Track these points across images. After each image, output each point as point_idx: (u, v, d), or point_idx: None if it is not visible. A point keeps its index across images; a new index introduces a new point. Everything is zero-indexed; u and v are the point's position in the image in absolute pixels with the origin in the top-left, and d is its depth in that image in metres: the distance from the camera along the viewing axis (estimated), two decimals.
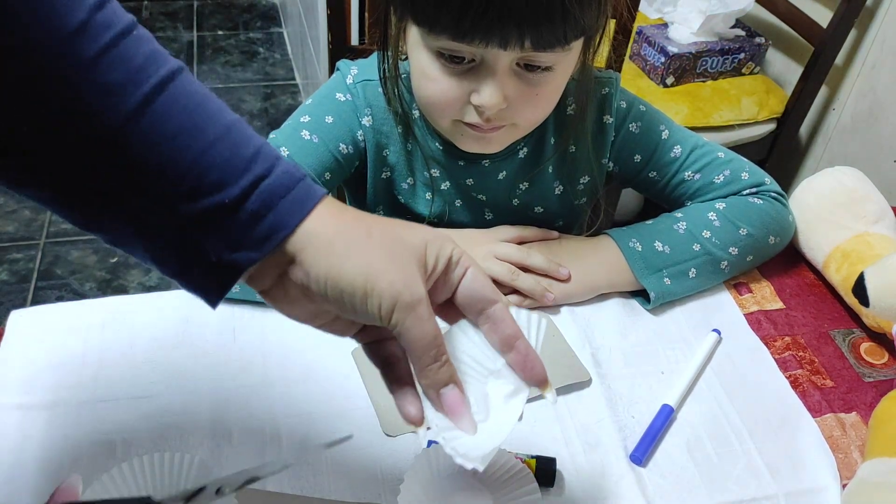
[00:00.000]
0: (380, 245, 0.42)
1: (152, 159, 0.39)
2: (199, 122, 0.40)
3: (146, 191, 0.40)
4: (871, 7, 1.43)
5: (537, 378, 0.45)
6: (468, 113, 0.67)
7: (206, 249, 0.41)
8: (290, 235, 0.41)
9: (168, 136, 0.39)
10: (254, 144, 0.42)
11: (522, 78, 0.65)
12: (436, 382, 0.43)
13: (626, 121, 0.81)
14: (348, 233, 0.42)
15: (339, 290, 0.41)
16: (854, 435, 0.67)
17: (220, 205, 0.40)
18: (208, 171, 0.40)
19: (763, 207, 0.79)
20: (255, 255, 0.41)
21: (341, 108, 0.76)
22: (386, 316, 0.41)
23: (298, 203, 0.41)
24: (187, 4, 2.82)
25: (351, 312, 0.42)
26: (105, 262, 1.78)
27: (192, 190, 0.40)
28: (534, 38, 0.60)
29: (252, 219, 0.40)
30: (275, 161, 0.42)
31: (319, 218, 0.42)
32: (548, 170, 0.82)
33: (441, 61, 0.65)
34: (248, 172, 0.40)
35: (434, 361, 0.42)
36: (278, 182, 0.41)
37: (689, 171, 0.81)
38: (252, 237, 0.41)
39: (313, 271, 0.41)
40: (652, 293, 0.75)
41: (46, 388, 0.65)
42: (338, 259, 0.41)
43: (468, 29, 0.60)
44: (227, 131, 0.41)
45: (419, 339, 0.41)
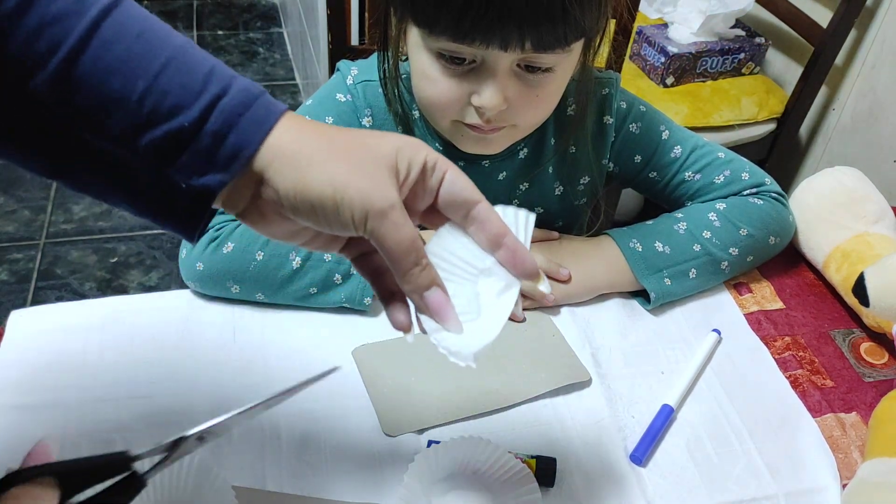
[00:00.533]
0: (345, 154, 0.41)
1: (106, 90, 0.39)
2: (148, 46, 0.40)
3: (105, 125, 0.39)
4: (871, 7, 1.43)
5: (528, 271, 0.45)
6: (468, 114, 0.67)
7: (174, 179, 0.41)
8: (255, 153, 0.40)
9: (118, 62, 0.39)
10: (207, 64, 0.41)
11: (523, 79, 0.65)
12: (418, 286, 0.42)
13: (627, 121, 0.81)
14: (311, 144, 0.41)
15: (309, 204, 0.41)
16: (854, 435, 0.67)
17: (181, 128, 0.39)
18: (164, 96, 0.39)
19: (763, 208, 0.79)
20: (224, 176, 0.40)
21: (341, 108, 0.76)
22: (360, 224, 0.40)
23: (259, 120, 0.41)
24: (187, 4, 2.82)
25: (325, 225, 0.42)
26: (105, 262, 1.78)
27: (150, 117, 0.39)
28: (534, 39, 0.60)
29: (214, 140, 0.40)
30: (230, 80, 0.41)
31: (282, 133, 0.41)
32: (548, 170, 0.82)
33: (441, 62, 0.65)
34: (204, 93, 0.40)
35: (414, 266, 0.42)
36: (237, 100, 0.40)
37: (689, 171, 0.81)
38: (217, 159, 0.40)
39: (281, 187, 0.41)
40: (652, 293, 0.75)
41: (46, 387, 0.65)
42: (302, 172, 0.40)
43: (468, 30, 0.60)
44: (179, 53, 0.40)
45: (397, 245, 0.41)
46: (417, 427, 0.64)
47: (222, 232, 0.71)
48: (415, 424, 0.64)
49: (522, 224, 0.46)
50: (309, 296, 0.72)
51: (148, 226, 1.88)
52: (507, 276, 0.45)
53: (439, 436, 0.63)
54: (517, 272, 0.45)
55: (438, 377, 0.68)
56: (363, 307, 0.72)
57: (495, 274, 0.45)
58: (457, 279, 0.45)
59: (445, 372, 0.68)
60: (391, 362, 0.69)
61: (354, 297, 0.72)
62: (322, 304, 0.72)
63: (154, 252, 1.82)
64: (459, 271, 0.45)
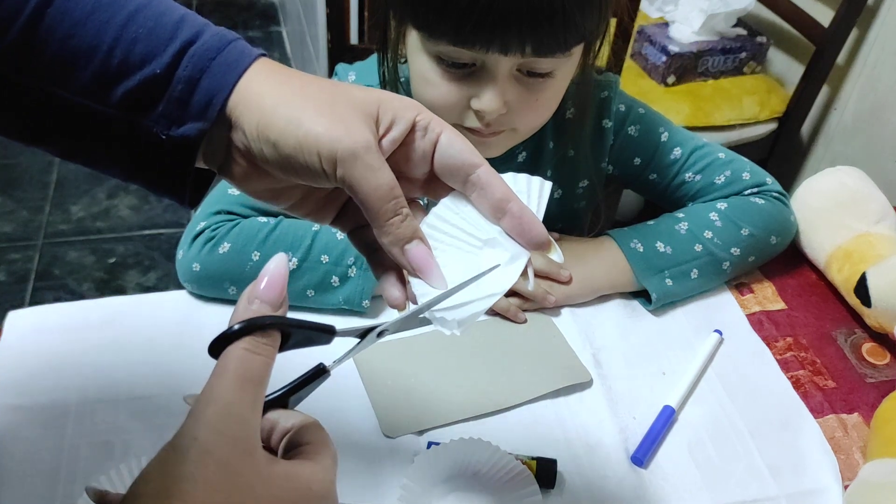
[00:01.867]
0: (316, 96, 0.39)
1: (75, 43, 0.38)
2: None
3: (77, 78, 0.38)
4: (873, 6, 1.43)
5: (536, 240, 0.41)
6: (468, 118, 0.67)
7: (153, 132, 0.39)
8: (228, 97, 0.38)
9: (85, 13, 0.38)
10: (178, 12, 0.40)
11: (523, 83, 0.65)
12: (398, 238, 0.39)
13: (625, 124, 0.80)
14: (283, 85, 0.39)
15: (272, 144, 0.38)
16: (856, 436, 0.66)
17: (154, 76, 0.38)
18: (134, 44, 0.38)
19: (765, 207, 0.79)
20: (202, 124, 0.39)
21: None
22: (329, 167, 0.37)
23: (232, 63, 0.39)
24: (186, 3, 2.82)
25: (293, 173, 0.39)
26: (103, 263, 1.78)
27: (121, 67, 0.38)
28: (534, 43, 0.60)
29: (188, 86, 0.38)
30: (203, 26, 0.40)
31: (255, 76, 0.39)
32: (546, 174, 0.81)
33: (441, 66, 0.64)
34: (174, 39, 0.39)
35: (394, 215, 0.38)
36: (208, 45, 0.39)
37: (689, 172, 0.81)
38: (192, 105, 0.38)
39: (247, 128, 0.38)
40: (654, 294, 0.74)
41: (44, 388, 0.64)
42: (268, 110, 0.38)
43: (469, 34, 0.60)
44: (148, 1, 0.39)
45: (373, 191, 0.37)
46: (417, 428, 0.64)
47: (218, 232, 0.71)
48: (415, 426, 0.64)
49: (536, 192, 0.42)
50: (306, 297, 0.71)
51: (146, 226, 1.88)
52: (514, 247, 0.41)
53: (439, 437, 0.62)
54: (525, 241, 0.41)
55: (439, 378, 0.68)
56: (362, 309, 0.72)
57: (499, 245, 0.41)
58: (456, 251, 0.41)
59: (446, 373, 0.68)
60: (391, 363, 0.69)
61: (353, 299, 0.71)
62: (320, 305, 0.72)
63: (152, 253, 1.81)
64: (460, 243, 0.42)
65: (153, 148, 0.40)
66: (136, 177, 0.42)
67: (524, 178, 0.43)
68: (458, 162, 0.40)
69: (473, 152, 0.41)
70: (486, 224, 0.41)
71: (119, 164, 0.42)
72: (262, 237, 0.71)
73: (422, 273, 0.40)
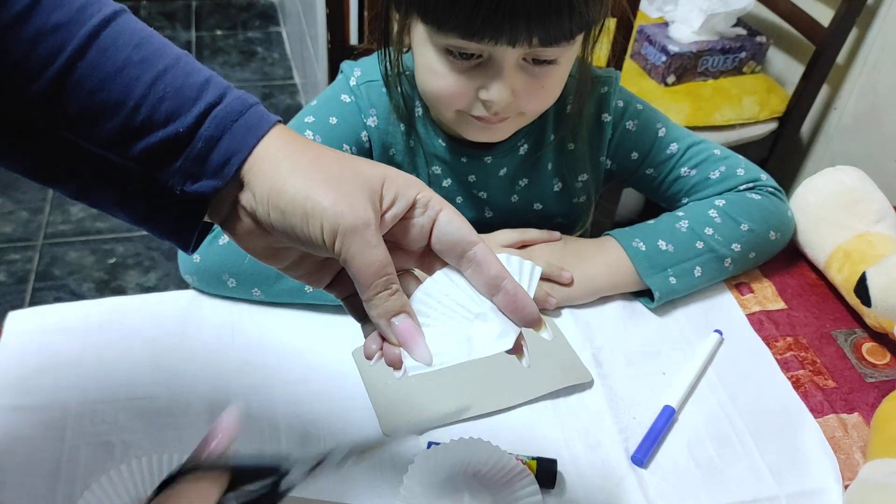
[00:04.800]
0: (327, 169, 0.41)
1: (102, 96, 0.39)
2: (146, 54, 0.40)
3: (101, 131, 0.40)
4: (873, 6, 1.43)
5: (528, 318, 0.42)
6: (475, 107, 0.68)
7: (169, 185, 0.41)
8: (246, 159, 0.40)
9: (115, 69, 0.39)
10: (204, 74, 0.41)
11: (528, 71, 0.66)
12: (386, 311, 0.40)
13: (623, 119, 0.81)
14: (297, 155, 0.41)
15: (280, 211, 0.40)
16: (856, 436, 0.66)
17: (176, 134, 0.40)
18: (160, 102, 0.40)
19: (762, 203, 0.79)
20: (217, 182, 0.40)
21: (345, 109, 0.76)
22: (329, 240, 0.39)
23: (252, 127, 0.41)
24: (185, 4, 2.82)
25: (296, 240, 0.41)
26: (103, 263, 1.78)
27: (145, 123, 0.40)
28: (541, 34, 0.61)
29: (207, 145, 0.40)
30: (226, 89, 0.41)
31: (272, 141, 0.41)
32: (547, 167, 0.82)
33: (449, 58, 0.65)
34: (199, 101, 0.40)
35: (383, 290, 0.40)
36: (231, 108, 0.41)
37: (685, 167, 0.81)
38: (210, 165, 0.40)
39: (258, 191, 0.40)
40: (657, 292, 0.74)
41: (44, 389, 0.64)
42: (281, 178, 0.40)
43: (478, 27, 0.61)
44: (176, 62, 0.41)
45: (367, 266, 0.39)
46: (417, 428, 0.64)
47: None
48: (415, 426, 0.64)
49: (527, 274, 0.44)
50: (304, 293, 0.71)
51: None
52: (503, 322, 0.43)
53: (439, 437, 0.62)
54: (517, 318, 0.43)
55: (439, 378, 0.67)
56: None
57: (490, 319, 0.42)
58: (447, 320, 0.42)
59: (446, 373, 0.68)
60: None
61: None
62: (319, 301, 0.72)
63: (152, 253, 1.81)
64: (454, 315, 0.43)
65: (165, 200, 0.41)
66: (145, 223, 0.44)
67: (517, 260, 0.44)
68: (456, 239, 0.42)
69: (471, 231, 0.42)
70: (479, 298, 0.43)
71: (129, 211, 0.43)
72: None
73: (406, 346, 0.41)
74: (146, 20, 2.74)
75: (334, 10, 1.08)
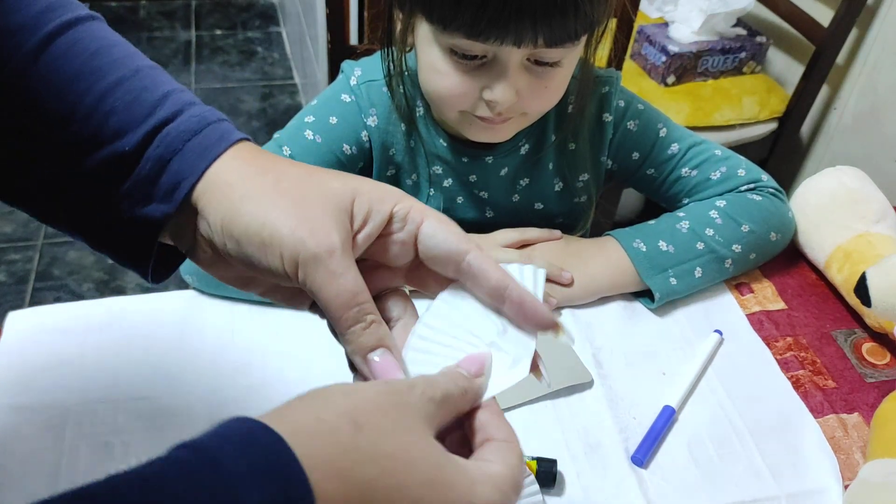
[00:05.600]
0: (289, 190, 0.36)
1: (52, 105, 0.37)
2: (101, 64, 0.38)
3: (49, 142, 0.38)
4: (872, 6, 1.43)
5: (542, 324, 0.38)
6: (479, 107, 0.68)
7: (119, 207, 0.38)
8: (196, 184, 0.37)
9: (67, 78, 0.37)
10: (163, 89, 0.38)
11: (532, 72, 0.66)
12: (361, 347, 0.36)
13: (625, 119, 0.81)
14: (254, 178, 0.37)
15: (235, 241, 0.36)
16: (856, 436, 0.66)
17: (122, 153, 0.37)
18: (108, 117, 0.37)
19: (763, 204, 0.79)
20: (167, 207, 0.37)
21: (345, 109, 0.76)
22: (291, 271, 0.35)
23: (207, 147, 0.37)
24: (185, 4, 2.81)
25: (256, 270, 0.37)
26: (103, 263, 1.78)
27: (92, 138, 0.37)
28: (546, 35, 0.62)
29: (156, 166, 0.37)
30: (184, 105, 0.38)
31: (228, 163, 0.37)
32: (548, 167, 0.82)
33: (453, 58, 0.65)
34: (151, 117, 0.37)
35: (355, 323, 0.35)
36: (185, 126, 0.37)
37: (686, 167, 0.81)
38: (160, 188, 0.37)
39: (211, 219, 0.36)
40: (657, 293, 0.74)
41: (44, 389, 0.64)
42: (235, 205, 0.36)
43: (484, 27, 0.61)
44: (134, 74, 0.38)
45: (333, 298, 0.35)
46: None
47: None
48: None
49: (531, 279, 0.40)
50: None
51: None
52: (516, 345, 0.38)
53: None
54: (531, 326, 0.38)
55: None
56: None
57: (502, 349, 0.38)
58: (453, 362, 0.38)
59: None
60: None
61: None
62: None
63: None
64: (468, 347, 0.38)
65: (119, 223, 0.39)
66: (102, 248, 0.41)
67: (516, 267, 0.40)
68: (444, 251, 0.38)
69: (460, 239, 0.38)
70: (486, 320, 0.39)
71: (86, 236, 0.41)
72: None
73: None
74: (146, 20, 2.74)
75: (334, 10, 1.08)
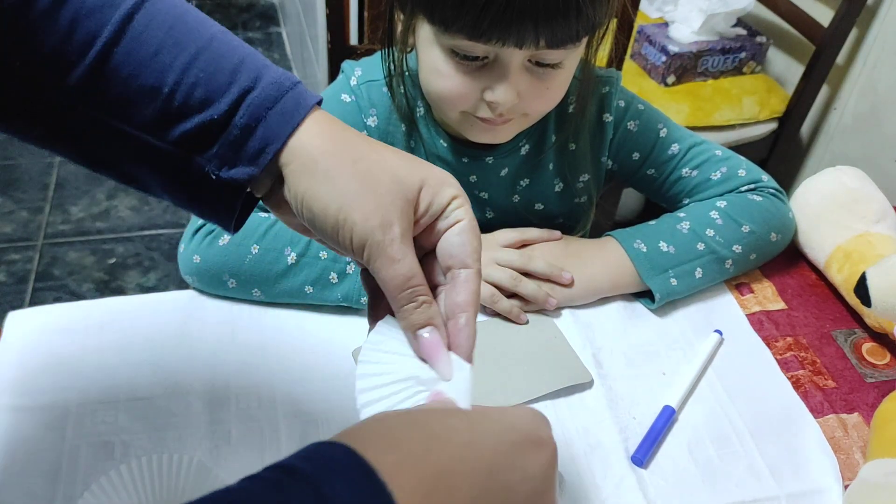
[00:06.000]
0: (364, 175, 0.41)
1: (138, 82, 0.39)
2: (179, 37, 0.40)
3: (137, 116, 0.40)
4: (872, 6, 1.43)
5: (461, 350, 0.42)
6: (480, 108, 0.68)
7: (206, 170, 0.41)
8: (281, 149, 0.41)
9: (149, 54, 0.39)
10: (238, 54, 0.41)
11: (533, 73, 0.66)
12: (412, 324, 0.41)
13: (625, 119, 0.81)
14: (335, 156, 0.41)
15: (312, 215, 0.41)
16: (856, 436, 0.66)
17: (211, 121, 0.40)
18: (194, 88, 0.40)
19: (763, 204, 0.79)
20: (252, 170, 0.41)
21: (345, 109, 0.76)
22: (357, 252, 0.40)
23: (287, 114, 0.41)
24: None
25: (327, 240, 0.42)
26: (103, 263, 1.78)
27: (181, 109, 0.40)
28: (548, 36, 0.61)
29: (243, 133, 0.40)
30: (261, 70, 0.41)
31: (310, 132, 0.41)
32: (548, 167, 0.82)
33: (454, 59, 0.65)
34: (233, 85, 0.40)
35: (408, 302, 0.41)
36: (265, 94, 0.41)
37: (686, 167, 0.81)
38: (246, 152, 0.41)
39: (292, 190, 0.41)
40: (657, 294, 0.74)
41: (44, 389, 0.64)
42: (315, 182, 0.40)
43: (486, 29, 0.61)
44: (209, 43, 0.41)
45: (391, 279, 0.40)
46: None
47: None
48: None
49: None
50: (305, 294, 0.71)
51: (146, 227, 1.88)
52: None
53: None
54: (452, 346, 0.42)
55: None
56: (361, 306, 0.72)
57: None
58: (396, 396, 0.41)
59: None
60: None
61: (351, 296, 0.71)
62: (319, 302, 0.72)
63: (152, 253, 1.81)
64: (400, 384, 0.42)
65: (204, 183, 0.42)
66: (188, 206, 0.44)
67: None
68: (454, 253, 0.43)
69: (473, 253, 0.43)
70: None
71: (172, 194, 0.44)
72: (262, 231, 0.71)
73: (429, 359, 0.42)
74: None
75: (334, 10, 1.08)
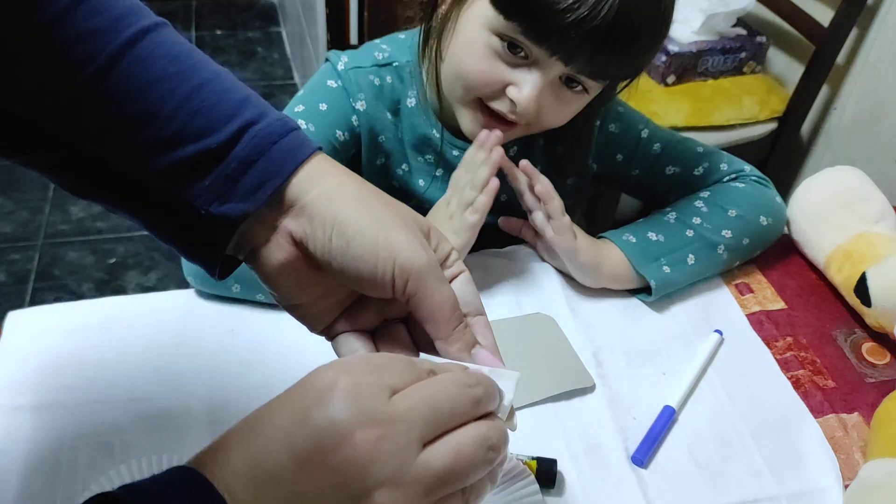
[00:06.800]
0: (388, 204, 0.40)
1: (134, 107, 0.38)
2: (183, 68, 0.39)
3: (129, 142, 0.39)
4: (873, 6, 1.43)
5: None
6: (498, 100, 0.68)
7: (196, 204, 0.39)
8: (284, 185, 0.39)
9: (149, 81, 0.38)
10: (243, 92, 0.40)
11: (559, 89, 0.67)
12: (467, 343, 0.40)
13: (605, 122, 0.83)
14: (357, 187, 0.40)
15: (346, 240, 0.38)
16: (856, 435, 0.66)
17: (207, 150, 0.38)
18: (194, 117, 0.38)
19: (746, 190, 0.81)
20: (246, 206, 0.38)
21: (333, 94, 0.76)
22: (400, 278, 0.38)
23: (292, 151, 0.39)
24: (185, 4, 2.81)
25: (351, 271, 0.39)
26: (103, 263, 1.78)
27: (176, 136, 0.38)
28: (597, 68, 0.62)
29: (242, 166, 0.38)
30: (265, 108, 0.40)
31: (320, 167, 0.40)
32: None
33: (498, 44, 0.65)
34: (236, 117, 0.39)
35: (459, 323, 0.40)
36: (270, 129, 0.39)
37: (670, 165, 0.83)
38: (242, 187, 0.38)
39: (319, 218, 0.38)
40: (652, 281, 0.74)
41: (44, 389, 0.64)
42: (349, 206, 0.39)
43: (545, 33, 0.60)
44: (215, 77, 0.40)
45: (443, 302, 0.39)
46: None
47: None
48: None
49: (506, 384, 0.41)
50: None
51: None
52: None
53: None
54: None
55: None
56: None
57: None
58: None
59: None
60: None
61: None
62: None
63: (152, 253, 1.81)
64: None
65: (192, 220, 0.40)
66: (172, 242, 0.43)
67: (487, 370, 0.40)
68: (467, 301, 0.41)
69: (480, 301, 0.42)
70: None
71: (156, 228, 0.43)
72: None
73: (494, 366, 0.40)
74: None
75: (334, 10, 1.08)
